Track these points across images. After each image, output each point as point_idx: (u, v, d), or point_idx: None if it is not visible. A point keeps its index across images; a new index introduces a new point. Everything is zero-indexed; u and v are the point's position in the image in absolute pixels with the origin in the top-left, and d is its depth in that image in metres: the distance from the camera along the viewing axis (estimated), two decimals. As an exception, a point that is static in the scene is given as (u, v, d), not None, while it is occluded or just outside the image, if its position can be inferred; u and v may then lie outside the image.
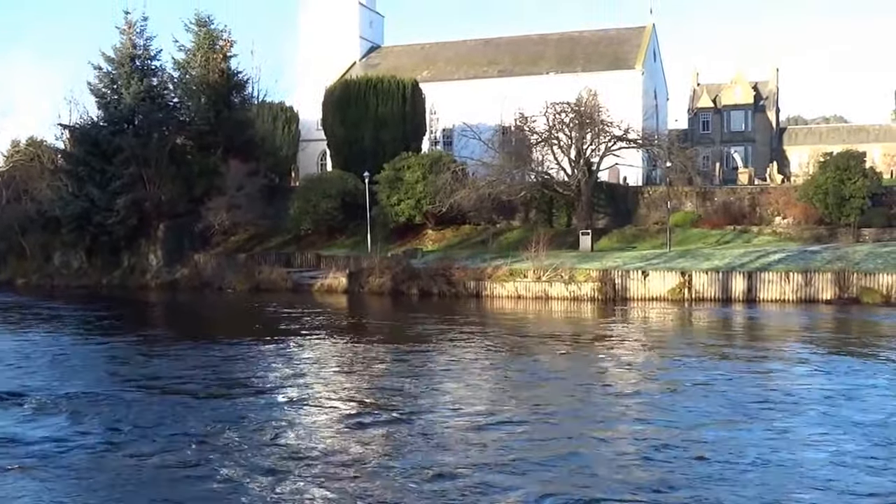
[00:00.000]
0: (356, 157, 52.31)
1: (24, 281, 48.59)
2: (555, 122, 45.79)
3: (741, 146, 77.89)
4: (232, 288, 41.93)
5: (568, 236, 44.16)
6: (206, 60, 51.97)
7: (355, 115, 54.90)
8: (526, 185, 45.98)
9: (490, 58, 67.96)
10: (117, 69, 49.74)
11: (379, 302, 36.64)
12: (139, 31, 50.42)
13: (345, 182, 49.10)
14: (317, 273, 42.16)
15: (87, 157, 48.85)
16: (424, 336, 25.29)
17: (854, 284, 32.80)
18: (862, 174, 42.02)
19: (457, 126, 61.07)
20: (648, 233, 44.77)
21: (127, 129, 48.99)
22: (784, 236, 42.43)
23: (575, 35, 68.78)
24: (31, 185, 53.84)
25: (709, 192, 48.90)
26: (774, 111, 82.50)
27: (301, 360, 21.80)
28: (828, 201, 41.82)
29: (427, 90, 60.08)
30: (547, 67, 64.76)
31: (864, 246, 38.16)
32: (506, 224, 48.10)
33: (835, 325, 28.32)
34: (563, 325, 28.92)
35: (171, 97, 52.85)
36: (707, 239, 42.85)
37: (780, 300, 33.02)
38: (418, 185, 45.74)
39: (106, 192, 47.08)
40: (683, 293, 33.91)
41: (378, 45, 74.75)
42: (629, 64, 63.21)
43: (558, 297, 34.90)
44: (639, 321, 29.96)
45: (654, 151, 50.85)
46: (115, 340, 25.69)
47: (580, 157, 44.83)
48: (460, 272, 37.27)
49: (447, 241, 46.24)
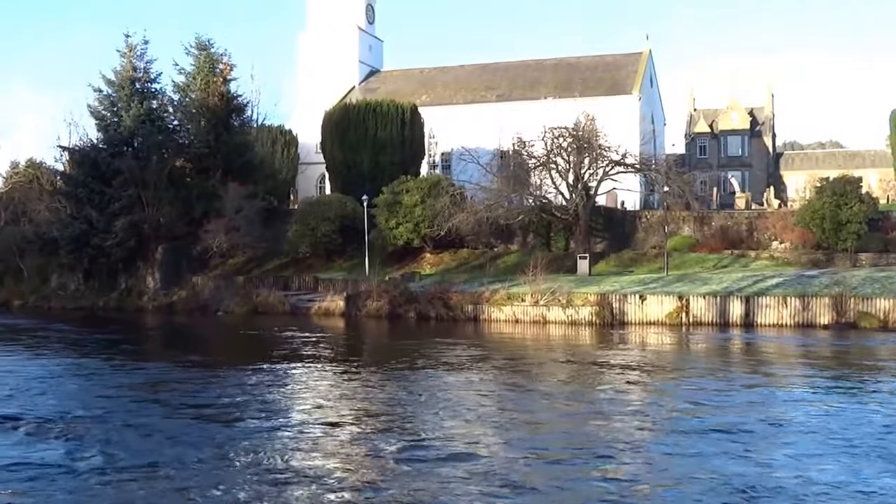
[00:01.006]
0: (355, 181, 52.47)
1: (20, 303, 48.55)
2: (553, 147, 45.93)
3: (738, 171, 78.31)
4: (229, 311, 41.87)
5: (566, 260, 44.20)
6: (205, 84, 52.15)
7: (354, 138, 55.11)
8: (524, 210, 46.04)
9: (488, 83, 68.34)
10: (117, 92, 49.95)
11: (376, 325, 36.62)
12: (139, 55, 50.68)
13: (343, 205, 49.18)
14: (314, 296, 42.17)
15: (86, 179, 48.96)
16: (419, 360, 25.17)
17: (851, 309, 32.88)
18: (858, 199, 42.20)
19: (455, 150, 61.30)
20: (646, 257, 44.83)
21: (126, 152, 49.09)
22: (781, 261, 42.49)
23: (572, 61, 69.22)
24: (30, 207, 53.90)
25: (706, 216, 49.02)
26: (771, 136, 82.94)
27: (293, 384, 21.68)
28: (825, 226, 41.94)
29: (426, 114, 60.37)
30: (545, 92, 65.13)
31: (861, 271, 38.23)
32: (504, 248, 48.15)
33: (832, 350, 28.31)
34: (560, 350, 28.86)
35: (171, 120, 53.02)
36: (704, 263, 42.91)
37: (777, 325, 33.06)
38: (417, 209, 45.82)
39: (104, 214, 47.14)
40: (681, 317, 33.94)
41: (377, 70, 75.17)
42: (626, 89, 63.56)
43: (556, 322, 34.92)
44: (636, 346, 29.95)
45: (652, 176, 51.02)
46: (110, 363, 25.56)
47: (578, 182, 44.94)
48: (458, 296, 37.31)
49: (445, 264, 46.26)
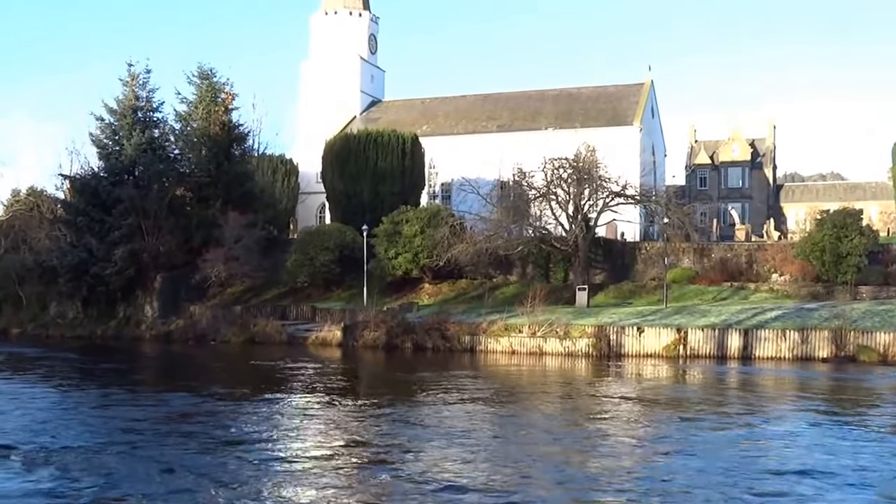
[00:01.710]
0: (355, 211, 52.57)
1: (19, 331, 48.57)
2: (553, 178, 45.93)
3: (738, 203, 78.36)
4: (226, 340, 41.74)
5: (564, 292, 44.07)
6: (207, 113, 52.41)
7: (355, 168, 55.29)
8: (523, 240, 45.98)
9: (489, 113, 68.66)
10: (119, 120, 50.15)
11: (372, 356, 36.43)
12: (142, 84, 50.97)
13: (343, 235, 49.19)
14: (312, 326, 42.05)
15: (86, 208, 49.04)
16: (411, 392, 25.00)
17: (851, 342, 32.64)
18: (859, 232, 42.06)
19: (455, 180, 61.39)
20: (645, 289, 44.66)
21: (127, 180, 49.26)
22: (781, 293, 42.30)
23: (573, 91, 69.54)
24: (30, 235, 54.00)
25: (706, 248, 48.90)
26: (771, 168, 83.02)
27: (282, 415, 21.49)
28: (825, 259, 41.77)
29: (426, 144, 60.62)
30: (546, 123, 65.36)
31: (862, 304, 37.99)
32: (502, 279, 48.04)
33: (829, 385, 28.06)
34: (552, 383, 28.64)
35: (172, 149, 53.19)
36: (704, 295, 42.74)
37: (776, 357, 32.83)
38: (416, 239, 45.81)
39: (104, 242, 47.15)
40: (678, 350, 33.74)
41: (379, 100, 75.61)
42: (627, 120, 63.79)
43: (552, 353, 34.76)
44: (631, 378, 29.76)
45: (652, 207, 50.96)
46: (104, 392, 25.42)
47: (578, 213, 44.89)
48: (455, 327, 37.17)
49: (443, 295, 46.14)
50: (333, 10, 74.06)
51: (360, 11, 74.50)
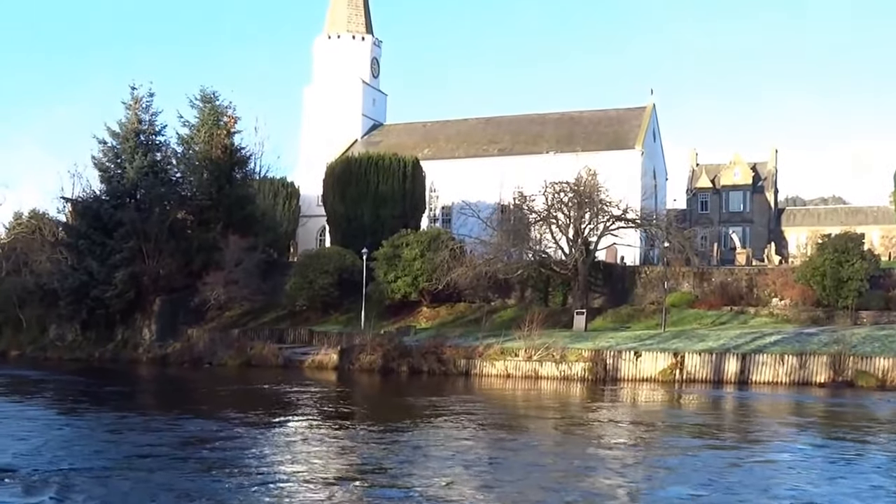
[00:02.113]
0: (355, 234, 52.65)
1: (17, 353, 48.64)
2: (553, 202, 45.93)
3: (739, 227, 78.22)
4: (222, 363, 41.65)
5: (563, 315, 43.96)
6: (209, 136, 52.66)
7: (356, 191, 55.42)
8: (523, 264, 45.90)
9: (490, 137, 68.77)
10: (122, 144, 50.39)
11: (368, 379, 36.32)
12: (145, 107, 51.27)
13: (343, 258, 49.22)
14: (308, 349, 42.01)
15: (88, 231, 49.19)
16: (400, 417, 24.82)
17: (849, 368, 32.44)
18: (860, 256, 41.87)
19: (456, 204, 61.43)
20: (644, 313, 44.51)
21: (129, 203, 49.44)
22: (781, 318, 42.06)
23: (575, 115, 69.61)
24: (32, 258, 54.19)
25: (706, 272, 48.72)
26: (773, 192, 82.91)
27: (268, 442, 21.34)
28: (825, 283, 41.58)
29: (427, 168, 60.78)
30: (547, 147, 65.39)
31: (862, 329, 37.78)
32: (501, 302, 47.94)
33: (821, 410, 27.87)
34: (542, 407, 28.48)
35: (174, 172, 53.40)
36: (703, 320, 42.56)
37: (772, 382, 32.64)
38: (416, 263, 45.81)
39: (105, 265, 47.25)
40: (675, 374, 33.57)
41: (380, 123, 75.86)
42: (629, 144, 63.79)
43: (548, 377, 34.61)
44: (625, 403, 29.59)
45: (653, 231, 50.89)
46: (115, 416, 25.28)
47: (578, 237, 44.83)
48: (451, 350, 37.10)
49: (441, 318, 46.09)
50: (336, 34, 74.54)
51: (362, 35, 74.95)
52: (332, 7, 76.34)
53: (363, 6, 76.30)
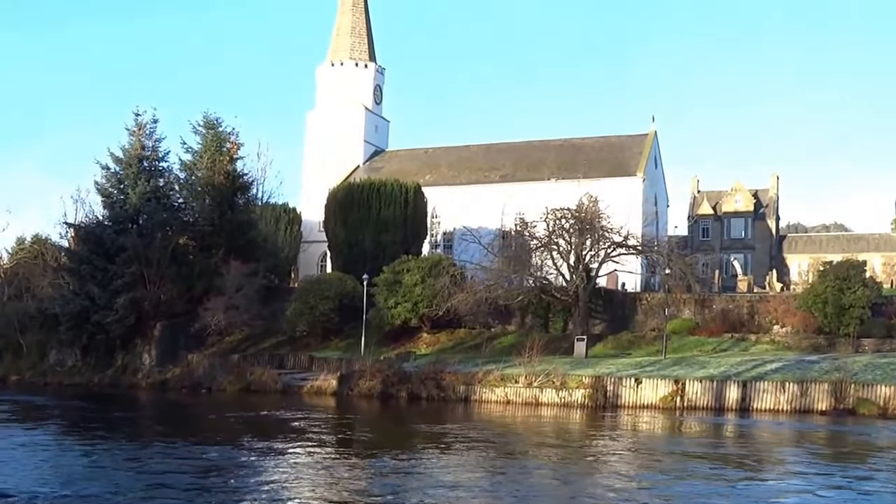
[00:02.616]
0: (356, 260, 52.70)
1: (17, 378, 48.56)
2: (555, 228, 45.95)
3: (741, 253, 78.08)
4: (221, 388, 41.55)
5: (563, 342, 43.84)
6: (212, 162, 52.87)
7: (357, 217, 55.55)
8: (524, 290, 45.81)
9: (492, 163, 68.93)
10: (125, 170, 50.55)
11: (366, 405, 36.20)
12: (148, 133, 51.47)
13: (343, 284, 49.21)
14: (308, 375, 41.92)
15: (90, 256, 49.25)
16: (401, 444, 24.70)
17: (851, 395, 32.25)
18: (862, 284, 41.76)
19: (457, 230, 61.55)
20: (644, 339, 44.41)
21: (131, 229, 49.52)
22: (782, 345, 41.93)
23: (577, 142, 69.80)
24: (34, 283, 54.29)
25: (707, 299, 48.60)
26: (774, 219, 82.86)
27: (276, 467, 21.24)
28: (827, 311, 41.45)
29: (429, 194, 60.93)
30: (548, 173, 65.52)
31: (864, 356, 37.64)
32: (501, 328, 47.83)
33: (823, 438, 27.68)
34: (542, 433, 28.33)
35: (177, 197, 53.57)
36: (704, 347, 42.40)
37: (773, 410, 32.48)
38: (416, 289, 45.77)
39: (106, 290, 47.26)
40: (675, 401, 33.39)
41: (382, 149, 76.17)
42: (630, 171, 63.90)
43: (548, 403, 34.45)
44: (625, 430, 29.41)
45: (654, 258, 50.89)
46: (110, 442, 25.22)
47: (579, 263, 44.81)
48: (451, 376, 36.96)
49: (441, 344, 45.98)
50: (339, 61, 75.13)
51: (365, 63, 75.50)
52: (335, 35, 77.01)
53: (366, 34, 76.95)
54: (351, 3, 76.83)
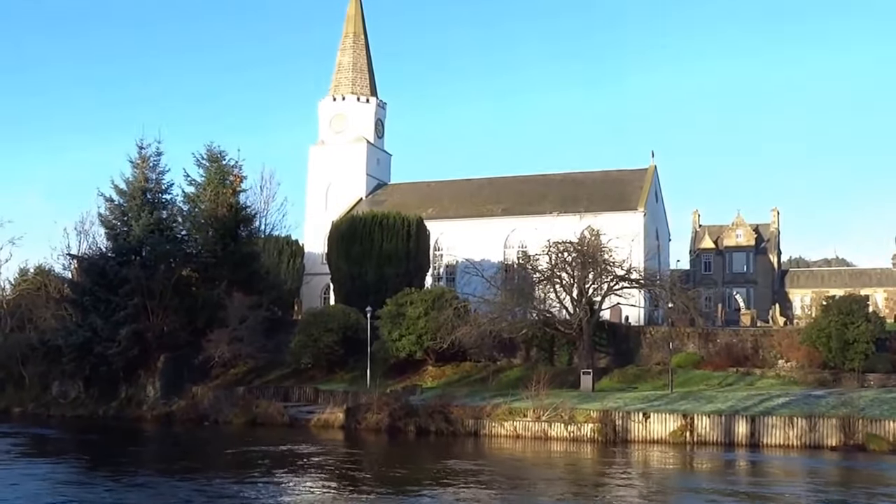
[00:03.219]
0: (359, 292, 52.65)
1: (20, 410, 48.15)
2: (557, 261, 46.09)
3: (743, 287, 78.24)
4: (228, 421, 41.29)
5: (569, 375, 43.74)
6: (215, 195, 53.01)
7: (360, 250, 55.61)
8: (527, 323, 45.83)
9: (494, 197, 69.17)
10: (128, 202, 50.54)
11: (375, 439, 35.98)
12: (152, 166, 51.53)
13: (347, 316, 49.15)
14: (314, 408, 41.73)
15: (92, 287, 49.10)
16: (415, 480, 24.55)
17: (860, 431, 32.13)
18: (865, 318, 41.83)
19: (460, 263, 61.63)
20: (650, 373, 44.35)
21: (134, 261, 49.42)
22: (788, 380, 41.92)
23: (578, 176, 70.17)
24: (36, 314, 54.00)
25: (711, 333, 48.69)
26: (776, 253, 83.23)
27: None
28: (831, 345, 41.48)
29: (431, 227, 61.11)
30: (550, 207, 65.71)
31: (869, 391, 37.62)
32: (507, 362, 47.76)
33: (843, 476, 27.52)
34: (560, 469, 28.18)
35: (180, 230, 53.52)
36: (709, 381, 42.35)
37: (784, 445, 32.34)
38: (420, 321, 45.73)
39: (109, 322, 47.07)
40: (685, 436, 33.25)
41: (384, 182, 76.51)
42: (631, 205, 64.14)
43: (558, 438, 34.28)
44: (639, 465, 29.28)
45: (656, 292, 50.98)
46: (132, 477, 25.05)
47: (582, 297, 44.89)
48: (459, 410, 36.75)
49: (447, 377, 45.80)
50: (341, 95, 75.67)
51: (367, 98, 76.06)
52: (337, 70, 77.71)
53: (367, 70, 77.65)
54: (352, 40, 77.64)
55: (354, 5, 79.04)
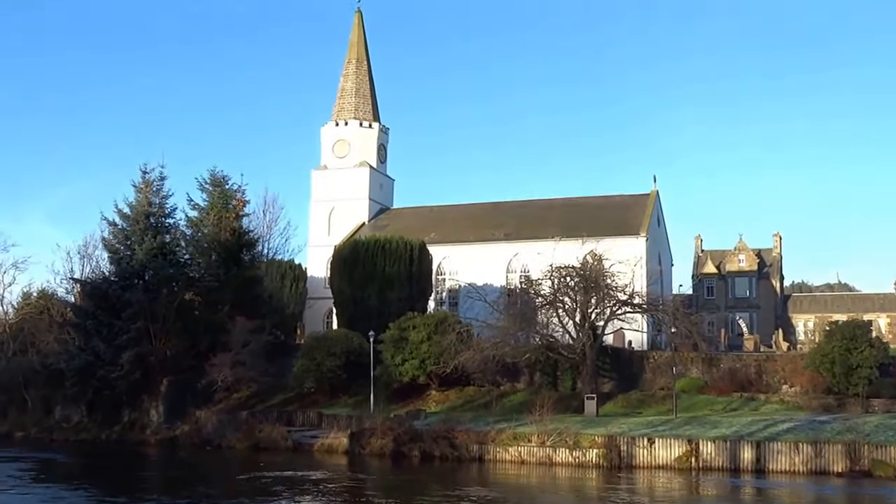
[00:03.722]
0: (362, 316, 52.59)
1: (22, 434, 47.98)
2: (560, 286, 46.11)
3: (746, 312, 78.16)
4: (231, 446, 41.16)
5: (573, 400, 43.66)
6: (218, 219, 53.17)
7: (363, 274, 55.60)
8: (530, 348, 45.74)
9: (496, 221, 69.23)
10: (132, 226, 50.67)
11: (380, 464, 35.88)
12: (155, 190, 51.69)
13: (350, 341, 49.11)
14: (318, 432, 41.62)
15: (95, 311, 49.19)
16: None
17: (865, 457, 32.02)
18: (868, 343, 41.83)
19: (463, 287, 61.61)
20: (654, 398, 44.27)
21: (137, 285, 49.48)
22: (792, 405, 41.86)
23: (580, 201, 70.32)
24: (39, 338, 53.94)
25: (714, 358, 48.65)
26: (778, 278, 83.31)
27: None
28: (835, 370, 41.46)
29: (434, 251, 61.15)
30: (552, 232, 65.51)
31: (874, 417, 37.52)
32: (510, 386, 47.68)
33: (850, 502, 27.37)
34: (567, 495, 28.05)
35: (183, 254, 53.65)
36: (714, 406, 42.27)
37: (790, 471, 32.21)
38: (423, 346, 45.71)
39: (112, 346, 47.09)
40: (690, 462, 33.13)
41: (387, 207, 76.67)
42: (634, 230, 64.15)
43: (563, 463, 34.16)
44: (645, 491, 29.16)
45: (659, 316, 50.95)
46: (115, 500, 24.97)
47: (585, 321, 44.86)
48: (463, 435, 36.63)
49: (451, 402, 45.72)
50: (344, 121, 75.98)
51: (370, 123, 76.39)
52: (339, 95, 78.08)
53: (370, 95, 78.07)
54: (355, 65, 78.09)
55: (357, 31, 79.62)
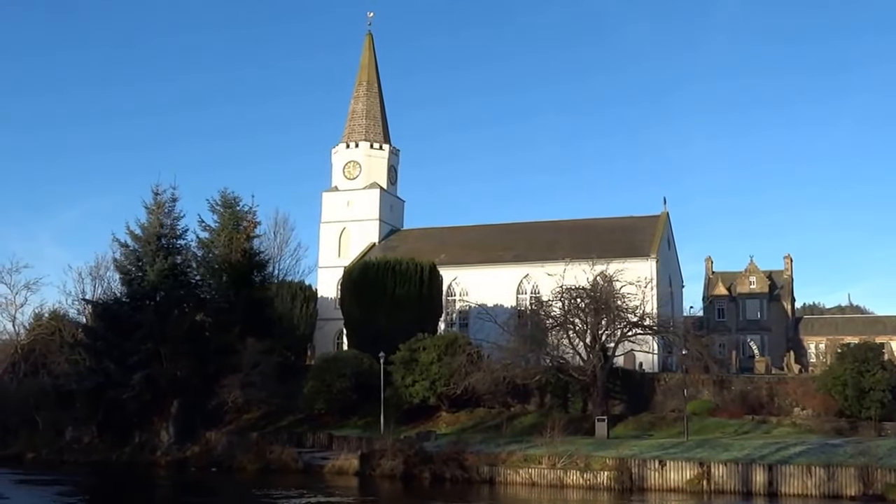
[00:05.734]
0: (372, 338, 52.57)
1: (33, 455, 47.85)
2: (570, 307, 46.06)
3: (757, 334, 77.71)
4: (241, 467, 41.08)
5: (583, 422, 43.52)
6: (229, 240, 53.32)
7: (373, 295, 55.67)
8: (541, 370, 45.64)
9: (506, 243, 69.31)
10: (143, 247, 50.70)
11: (390, 486, 35.79)
12: (167, 212, 51.82)
13: (360, 362, 49.13)
14: (328, 454, 41.56)
15: (106, 333, 49.22)
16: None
17: (878, 480, 31.76)
18: (881, 366, 41.65)
19: (473, 308, 61.57)
20: (665, 421, 44.10)
21: (148, 306, 49.54)
22: (804, 428, 41.61)
23: (590, 222, 70.37)
24: (50, 359, 53.94)
25: (726, 380, 48.48)
26: (790, 300, 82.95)
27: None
28: (847, 393, 41.25)
29: (444, 273, 61.27)
30: (562, 254, 65.47)
31: (887, 440, 37.27)
32: (521, 408, 47.59)
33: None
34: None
35: (194, 275, 53.60)
36: (725, 428, 42.08)
37: (802, 495, 31.97)
38: (433, 367, 45.70)
39: (122, 367, 47.04)
40: (702, 484, 32.93)
41: (397, 228, 76.93)
42: (644, 252, 64.09)
43: (574, 486, 33.99)
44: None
45: (670, 338, 50.82)
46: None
47: (595, 343, 44.79)
48: (474, 457, 36.52)
49: (461, 423, 45.65)
50: (355, 142, 76.40)
51: (380, 144, 76.81)
52: (350, 117, 78.64)
53: (381, 117, 78.57)
54: (366, 88, 78.68)
55: (368, 54, 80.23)
